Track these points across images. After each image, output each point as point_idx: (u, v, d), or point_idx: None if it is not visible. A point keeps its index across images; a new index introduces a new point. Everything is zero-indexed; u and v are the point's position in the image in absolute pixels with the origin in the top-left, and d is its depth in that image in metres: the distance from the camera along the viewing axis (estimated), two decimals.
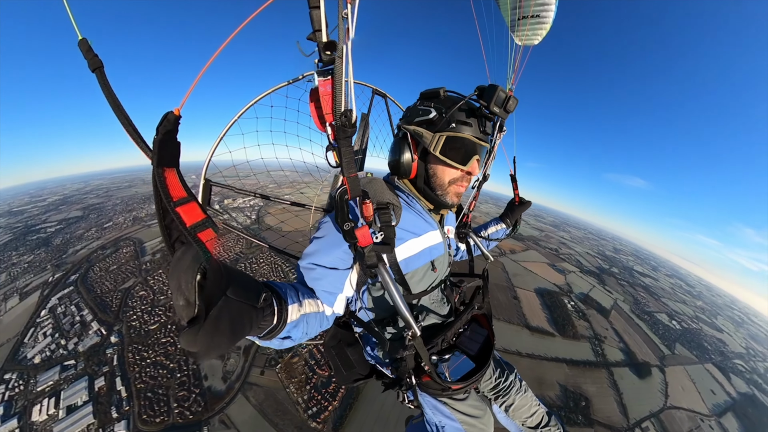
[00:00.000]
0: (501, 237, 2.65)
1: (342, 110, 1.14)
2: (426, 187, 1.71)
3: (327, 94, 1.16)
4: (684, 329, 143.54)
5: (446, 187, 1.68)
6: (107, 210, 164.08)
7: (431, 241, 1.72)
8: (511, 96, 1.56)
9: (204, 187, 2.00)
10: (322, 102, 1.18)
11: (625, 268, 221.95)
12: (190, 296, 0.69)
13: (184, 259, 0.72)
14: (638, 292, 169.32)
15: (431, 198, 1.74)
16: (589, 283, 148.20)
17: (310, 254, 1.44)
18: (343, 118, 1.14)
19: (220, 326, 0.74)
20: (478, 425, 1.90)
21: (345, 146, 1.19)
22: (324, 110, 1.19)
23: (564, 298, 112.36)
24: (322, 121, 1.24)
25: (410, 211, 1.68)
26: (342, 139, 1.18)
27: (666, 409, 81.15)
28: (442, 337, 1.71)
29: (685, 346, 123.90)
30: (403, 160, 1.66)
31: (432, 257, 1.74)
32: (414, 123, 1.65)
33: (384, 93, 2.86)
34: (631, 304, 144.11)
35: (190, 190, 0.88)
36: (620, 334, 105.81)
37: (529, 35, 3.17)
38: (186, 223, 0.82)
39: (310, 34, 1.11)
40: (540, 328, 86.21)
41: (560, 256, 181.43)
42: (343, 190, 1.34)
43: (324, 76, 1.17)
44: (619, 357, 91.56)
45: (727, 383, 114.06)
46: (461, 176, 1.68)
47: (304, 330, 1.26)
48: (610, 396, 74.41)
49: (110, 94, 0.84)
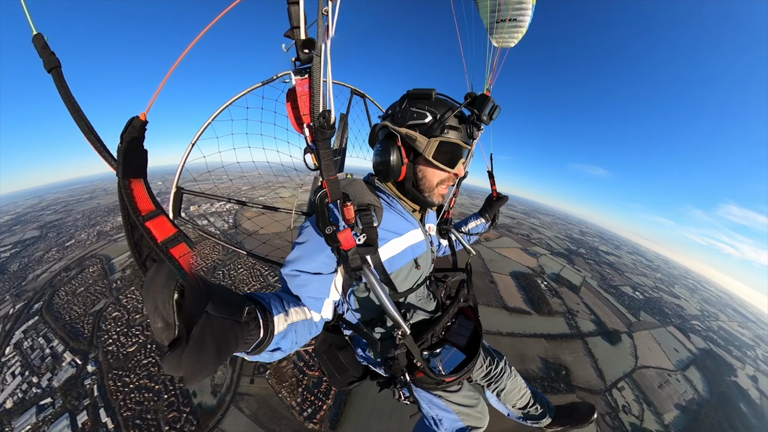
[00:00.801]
0: (481, 231, 2.67)
1: (320, 111, 1.09)
2: (414, 189, 1.70)
3: (304, 94, 1.11)
4: (646, 299, 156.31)
5: (434, 188, 1.69)
6: (67, 226, 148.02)
7: (413, 239, 1.72)
8: (497, 106, 1.60)
9: (175, 195, 1.93)
10: (300, 102, 1.13)
11: (591, 248, 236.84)
12: (168, 317, 0.64)
13: (158, 277, 0.67)
14: (604, 269, 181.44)
15: (418, 199, 1.73)
16: (559, 263, 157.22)
17: (293, 261, 1.39)
18: (321, 119, 1.09)
19: (205, 346, 0.69)
20: (474, 414, 1.98)
21: (323, 148, 1.15)
22: (301, 111, 1.14)
23: (537, 279, 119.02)
24: (299, 122, 1.19)
25: (391, 211, 1.67)
26: (320, 141, 1.13)
27: (637, 369, 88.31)
28: (431, 332, 1.71)
29: (648, 313, 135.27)
30: (393, 163, 1.60)
31: (415, 255, 1.73)
32: (406, 126, 1.60)
33: (363, 93, 2.83)
34: (599, 280, 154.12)
35: (158, 203, 0.81)
36: (591, 308, 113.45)
37: (506, 38, 3.23)
38: (157, 238, 0.74)
39: (288, 31, 1.06)
40: (517, 308, 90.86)
41: (532, 241, 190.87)
42: (323, 193, 1.29)
43: (301, 75, 1.12)
44: (592, 328, 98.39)
45: (688, 341, 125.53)
46: (448, 178, 1.69)
47: (294, 339, 1.21)
48: (586, 363, 79.81)
49: (68, 97, 0.76)
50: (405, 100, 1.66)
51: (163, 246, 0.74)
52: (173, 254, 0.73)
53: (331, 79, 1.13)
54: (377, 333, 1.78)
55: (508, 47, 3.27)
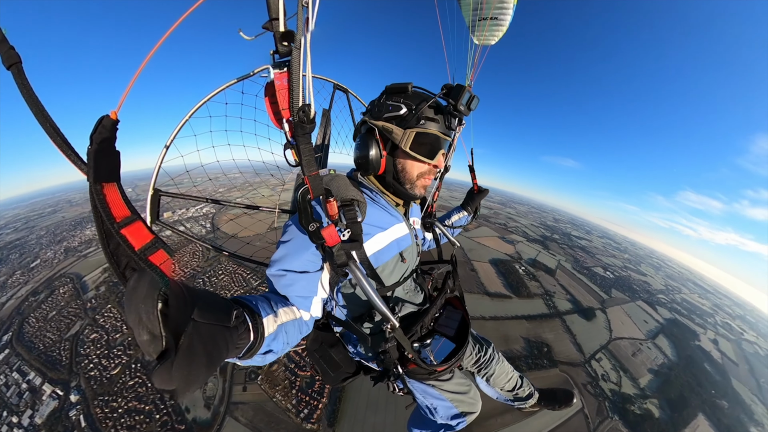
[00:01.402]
0: (464, 224, 2.69)
1: (299, 105, 1.05)
2: (395, 182, 1.70)
3: (283, 88, 1.08)
4: (616, 277, 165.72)
5: (415, 180, 1.68)
6: (31, 245, 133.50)
7: (398, 233, 1.72)
8: (475, 96, 1.60)
9: (152, 198, 1.86)
10: (278, 97, 1.10)
11: (564, 234, 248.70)
12: (154, 329, 0.61)
13: (140, 287, 0.63)
14: (577, 252, 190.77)
15: (400, 192, 1.73)
16: (535, 249, 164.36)
17: (278, 260, 1.37)
18: (300, 114, 1.05)
19: (195, 355, 0.66)
20: (467, 400, 2.04)
21: (304, 143, 1.11)
22: (280, 105, 1.10)
23: (515, 264, 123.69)
24: (278, 117, 1.15)
25: (375, 206, 1.66)
26: (300, 136, 1.10)
27: (612, 341, 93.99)
28: (420, 324, 1.71)
29: (618, 290, 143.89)
30: (372, 157, 1.61)
31: (400, 249, 1.73)
32: (383, 119, 1.60)
33: (346, 88, 2.78)
34: (572, 262, 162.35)
35: (134, 208, 0.77)
36: (566, 288, 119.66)
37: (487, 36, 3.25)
38: (134, 246, 0.71)
39: (266, 23, 1.02)
40: (498, 293, 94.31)
41: (509, 229, 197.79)
42: (305, 190, 1.24)
43: (280, 68, 1.09)
44: (568, 306, 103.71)
45: (655, 313, 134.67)
46: (428, 170, 1.69)
47: (285, 340, 1.20)
48: (566, 339, 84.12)
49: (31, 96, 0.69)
50: (383, 94, 1.67)
51: (142, 254, 0.71)
52: (153, 261, 0.71)
53: (310, 73, 1.08)
54: (367, 328, 1.77)
55: (488, 45, 3.31)
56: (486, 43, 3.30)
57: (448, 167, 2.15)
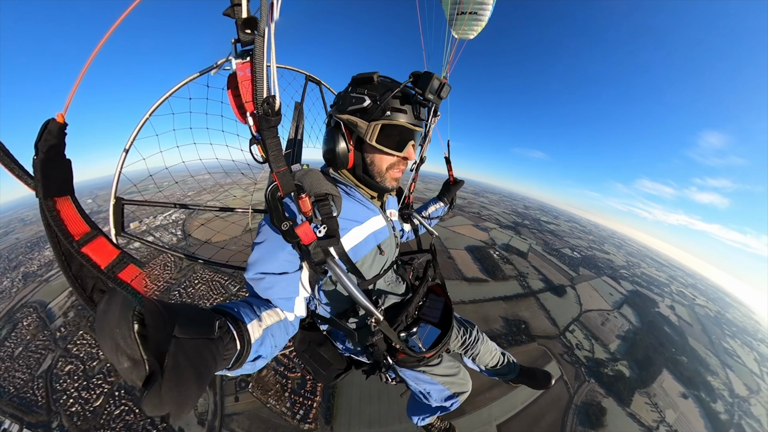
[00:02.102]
0: (440, 214, 2.69)
1: (264, 97, 0.99)
2: (365, 175, 1.64)
3: (246, 80, 1.00)
4: (583, 256, 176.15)
5: (384, 173, 1.62)
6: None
7: (375, 226, 1.68)
8: (445, 83, 1.52)
9: (115, 208, 1.72)
10: (241, 89, 1.01)
11: (534, 219, 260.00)
12: (134, 353, 0.55)
13: (112, 310, 0.57)
14: (546, 236, 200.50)
15: (372, 185, 1.67)
16: (508, 235, 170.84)
17: (255, 263, 1.32)
18: (265, 106, 0.99)
19: (183, 374, 0.61)
20: (458, 381, 2.10)
21: (270, 138, 1.06)
22: (243, 98, 1.02)
23: (490, 250, 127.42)
24: (242, 111, 1.07)
25: (350, 200, 1.61)
26: (265, 130, 1.04)
27: (583, 313, 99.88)
28: (404, 314, 1.71)
29: (585, 268, 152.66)
30: (339, 151, 1.55)
31: (378, 241, 1.69)
32: (347, 112, 1.52)
33: (318, 80, 2.71)
34: (543, 245, 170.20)
35: (93, 222, 0.69)
36: (538, 269, 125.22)
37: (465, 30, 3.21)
38: (99, 265, 0.64)
39: (228, 9, 0.95)
40: (475, 277, 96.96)
41: (482, 217, 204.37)
42: (274, 187, 1.19)
43: (243, 58, 1.01)
44: (541, 285, 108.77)
45: (619, 286, 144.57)
46: (398, 161, 1.62)
47: (272, 344, 1.16)
48: (541, 315, 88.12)
49: None
50: (349, 86, 1.59)
51: (109, 272, 0.63)
52: (123, 279, 0.64)
53: (275, 63, 1.00)
54: (352, 323, 1.75)
55: (466, 39, 3.26)
56: (464, 38, 3.26)
57: (423, 158, 2.16)
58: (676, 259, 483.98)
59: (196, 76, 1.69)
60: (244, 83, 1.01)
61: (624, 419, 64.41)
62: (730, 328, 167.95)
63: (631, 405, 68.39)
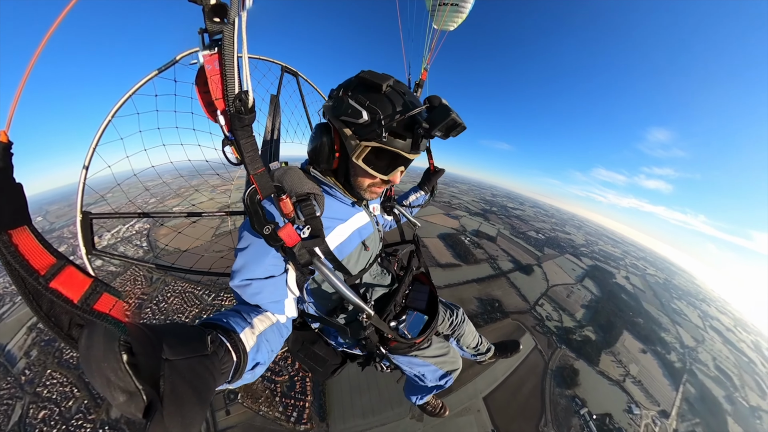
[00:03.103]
0: (421, 203, 2.70)
1: (235, 93, 0.90)
2: (346, 182, 1.54)
3: (215, 74, 0.88)
4: (547, 238, 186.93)
5: (365, 188, 1.51)
6: None
7: (359, 222, 1.64)
8: (461, 125, 1.27)
9: (83, 224, 1.57)
10: (210, 84, 0.89)
11: (501, 206, 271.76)
12: (128, 385, 0.53)
13: (95, 345, 0.53)
14: (513, 220, 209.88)
15: (351, 191, 1.58)
16: (477, 221, 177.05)
17: (239, 270, 1.24)
18: (237, 103, 0.91)
19: (184, 397, 0.59)
20: (449, 359, 2.16)
21: (244, 138, 0.97)
22: (213, 95, 0.90)
23: (461, 236, 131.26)
24: (211, 109, 0.95)
25: (332, 198, 1.55)
26: (239, 130, 0.95)
27: (550, 288, 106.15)
28: (392, 303, 1.73)
29: (550, 248, 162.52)
30: (323, 154, 1.43)
31: (362, 238, 1.67)
32: (340, 119, 1.34)
33: (295, 71, 2.60)
34: (510, 229, 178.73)
35: (57, 252, 0.60)
36: (507, 251, 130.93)
37: (446, 21, 3.19)
38: (72, 299, 0.56)
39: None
40: (448, 263, 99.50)
41: (452, 206, 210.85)
42: (253, 190, 1.12)
43: (211, 50, 0.87)
44: (510, 266, 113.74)
45: (580, 262, 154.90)
46: (380, 182, 1.49)
47: (268, 348, 1.13)
48: (512, 293, 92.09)
49: None
50: (350, 85, 1.37)
51: (84, 305, 0.56)
52: (100, 310, 0.57)
53: (247, 54, 0.90)
54: (342, 319, 1.73)
55: (447, 30, 3.24)
56: (445, 29, 3.25)
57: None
58: (628, 236, 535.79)
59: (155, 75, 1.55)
60: (213, 78, 0.89)
61: (595, 377, 69.10)
62: (677, 291, 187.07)
63: (600, 364, 73.75)
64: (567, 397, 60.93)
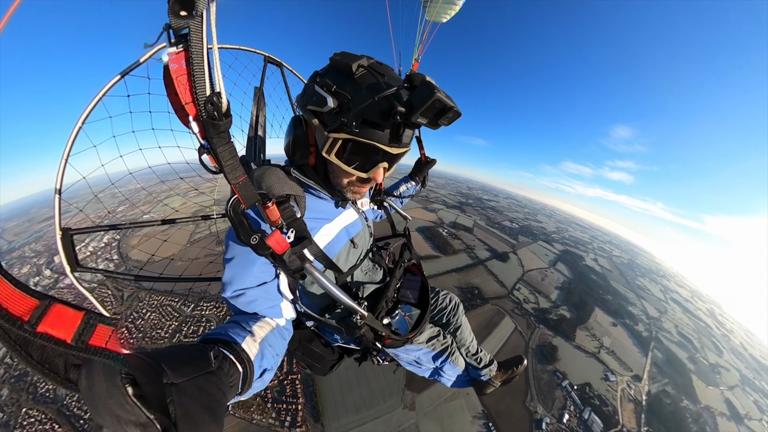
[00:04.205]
0: (412, 193, 2.64)
1: (206, 95, 0.78)
2: (325, 180, 1.41)
3: (182, 74, 0.76)
4: (521, 227, 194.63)
5: (344, 187, 1.37)
6: None
7: (346, 220, 1.57)
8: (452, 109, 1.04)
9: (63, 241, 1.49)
10: (177, 86, 0.76)
11: (477, 198, 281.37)
12: (138, 417, 0.52)
13: (97, 384, 0.51)
14: (488, 212, 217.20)
15: (332, 191, 1.44)
16: (454, 214, 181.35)
17: (230, 281, 1.20)
18: (209, 107, 0.79)
19: (197, 418, 0.59)
20: (441, 339, 2.19)
21: (221, 145, 0.86)
22: (182, 98, 0.77)
23: (439, 228, 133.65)
24: (183, 114, 0.81)
25: (315, 198, 1.44)
26: (214, 137, 0.83)
27: (525, 273, 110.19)
28: (384, 299, 1.69)
29: (523, 236, 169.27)
30: (298, 149, 1.33)
31: (350, 235, 1.60)
32: (308, 109, 1.21)
33: (279, 61, 2.47)
34: (485, 220, 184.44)
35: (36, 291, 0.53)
36: (483, 241, 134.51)
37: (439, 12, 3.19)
38: (65, 339, 0.51)
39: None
40: (428, 255, 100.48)
41: (430, 200, 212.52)
42: (235, 201, 1.01)
43: (177, 46, 0.74)
44: (487, 254, 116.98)
45: (552, 248, 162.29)
46: (359, 180, 1.34)
47: (273, 353, 1.12)
48: (490, 280, 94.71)
49: None
50: (321, 71, 1.24)
51: (80, 343, 0.52)
52: (96, 345, 0.53)
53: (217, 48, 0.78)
54: (337, 316, 1.70)
55: (440, 22, 3.20)
56: (437, 20, 3.18)
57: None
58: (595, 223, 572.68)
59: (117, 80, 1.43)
60: (179, 78, 0.76)
61: (572, 351, 72.73)
62: (640, 270, 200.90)
63: (576, 339, 77.87)
64: (549, 372, 63.57)
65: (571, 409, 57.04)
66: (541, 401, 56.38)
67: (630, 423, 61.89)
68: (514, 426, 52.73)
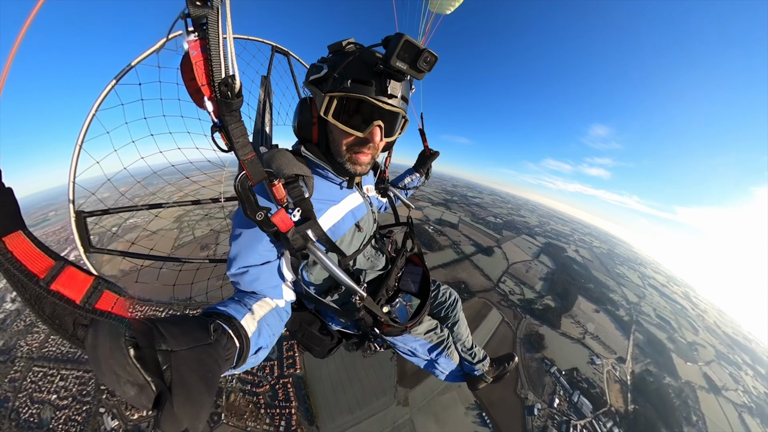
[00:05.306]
0: (417, 184, 2.69)
1: (221, 78, 0.87)
2: (328, 153, 1.47)
3: (200, 59, 0.85)
4: (504, 221, 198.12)
5: (344, 154, 1.40)
6: None
7: (352, 203, 1.62)
8: (424, 50, 1.15)
9: (77, 224, 1.58)
10: (195, 71, 0.85)
11: (462, 195, 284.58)
12: (137, 378, 0.55)
13: (101, 343, 0.55)
14: (473, 208, 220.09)
15: (336, 167, 1.49)
16: (440, 210, 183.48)
17: (235, 258, 1.26)
18: (223, 88, 0.88)
19: (192, 386, 0.62)
20: (438, 332, 2.21)
21: (232, 123, 0.95)
22: (198, 81, 0.87)
23: (425, 225, 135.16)
24: (198, 95, 0.91)
25: (323, 180, 1.52)
26: (227, 115, 0.93)
27: (510, 266, 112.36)
28: (385, 287, 1.72)
29: (507, 230, 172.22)
30: (303, 124, 1.43)
31: (356, 219, 1.65)
32: (309, 82, 1.37)
33: (286, 50, 2.53)
34: (470, 216, 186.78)
35: (55, 253, 0.59)
36: (468, 236, 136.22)
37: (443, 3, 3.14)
38: (74, 299, 0.56)
39: None
40: None
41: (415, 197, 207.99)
42: (243, 177, 1.08)
43: (195, 35, 0.83)
44: (472, 249, 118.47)
45: (535, 241, 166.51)
46: (358, 141, 1.38)
47: (269, 332, 1.16)
48: (476, 274, 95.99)
49: None
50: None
51: (87, 304, 0.58)
52: (103, 308, 0.59)
53: (231, 36, 0.88)
54: (337, 299, 1.72)
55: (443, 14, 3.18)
56: (441, 12, 3.16)
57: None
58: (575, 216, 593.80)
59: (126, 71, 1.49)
60: (198, 64, 0.85)
61: (558, 338, 74.72)
62: (619, 259, 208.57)
63: (561, 327, 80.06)
64: (537, 360, 64.93)
65: (560, 393, 58.40)
66: (532, 388, 57.41)
67: (617, 402, 63.81)
68: (507, 414, 53.38)
